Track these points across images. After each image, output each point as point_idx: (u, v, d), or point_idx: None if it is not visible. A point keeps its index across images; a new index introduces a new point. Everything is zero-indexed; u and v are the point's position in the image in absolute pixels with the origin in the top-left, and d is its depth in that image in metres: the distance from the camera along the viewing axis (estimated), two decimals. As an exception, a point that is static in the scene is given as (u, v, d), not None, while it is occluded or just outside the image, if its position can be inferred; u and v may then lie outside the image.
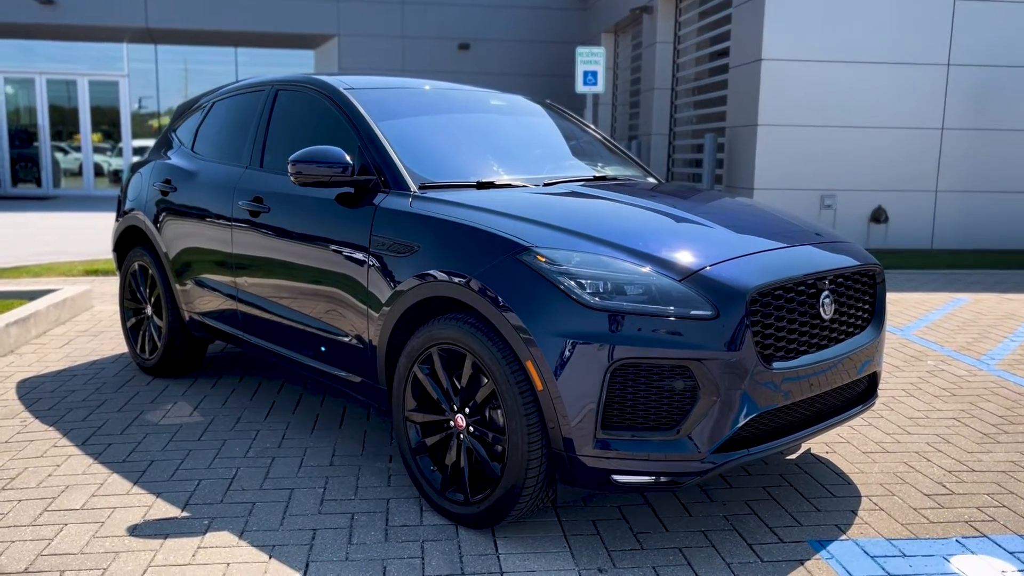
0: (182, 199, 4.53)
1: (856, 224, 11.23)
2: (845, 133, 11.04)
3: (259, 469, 3.58)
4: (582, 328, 2.69)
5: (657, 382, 2.70)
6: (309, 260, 3.65)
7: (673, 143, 15.23)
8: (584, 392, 2.69)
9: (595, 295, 2.72)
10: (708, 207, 3.71)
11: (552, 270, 2.77)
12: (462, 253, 3.01)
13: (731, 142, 11.72)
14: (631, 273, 2.77)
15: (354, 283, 3.41)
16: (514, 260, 2.85)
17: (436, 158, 3.69)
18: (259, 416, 4.25)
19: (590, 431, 2.71)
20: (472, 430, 3.00)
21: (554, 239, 2.92)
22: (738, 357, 2.71)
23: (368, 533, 3.01)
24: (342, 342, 3.55)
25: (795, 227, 3.48)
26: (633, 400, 2.71)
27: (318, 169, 3.42)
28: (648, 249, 2.88)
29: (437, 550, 2.90)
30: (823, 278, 3.02)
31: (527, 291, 2.78)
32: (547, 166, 3.99)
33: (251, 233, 3.99)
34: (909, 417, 4.37)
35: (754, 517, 3.19)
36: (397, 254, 3.23)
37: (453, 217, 3.13)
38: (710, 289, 2.74)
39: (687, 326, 2.69)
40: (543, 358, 2.72)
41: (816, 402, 3.06)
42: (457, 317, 2.99)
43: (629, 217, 3.27)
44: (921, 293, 8.12)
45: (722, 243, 3.07)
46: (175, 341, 4.71)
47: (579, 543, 2.96)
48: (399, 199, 3.37)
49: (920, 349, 5.83)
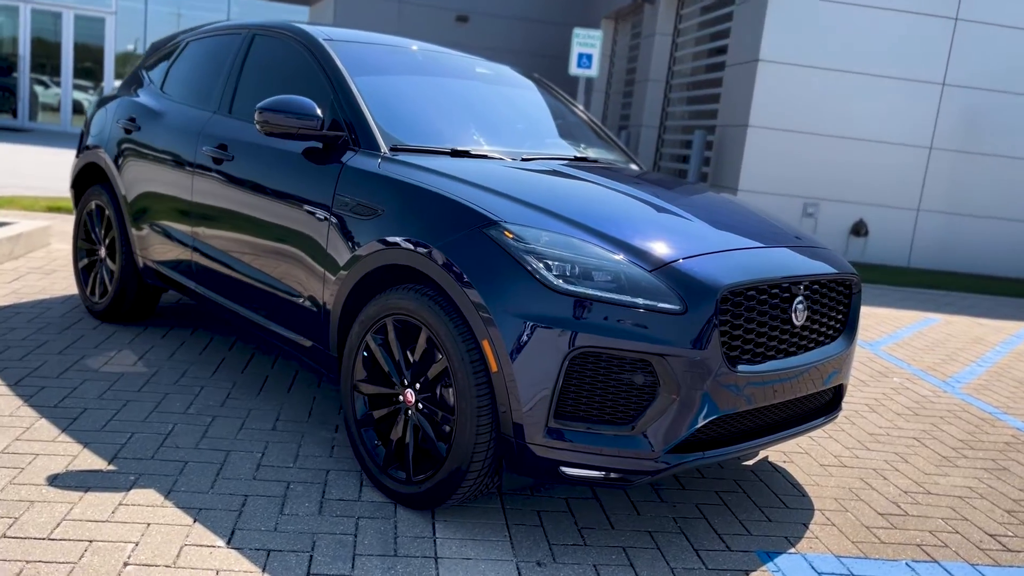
0: (145, 139, 4.34)
1: (836, 235, 11.19)
2: (834, 143, 10.97)
3: (197, 427, 3.42)
4: (544, 311, 2.56)
5: (616, 374, 2.58)
6: (269, 214, 3.49)
7: (663, 136, 15.12)
8: (539, 378, 2.56)
9: (561, 278, 2.59)
10: (689, 199, 3.58)
11: (518, 248, 2.64)
12: (427, 221, 2.87)
13: (720, 141, 11.62)
14: (600, 258, 2.64)
15: (313, 243, 3.26)
16: (480, 234, 2.71)
17: (411, 120, 3.54)
18: (206, 372, 4.09)
19: (542, 419, 2.59)
20: (421, 407, 2.87)
21: (524, 216, 2.78)
22: (703, 356, 2.59)
23: (302, 504, 2.88)
24: (296, 303, 3.40)
25: (776, 228, 3.37)
26: (589, 391, 2.59)
27: (286, 120, 3.25)
28: (621, 235, 2.76)
29: (372, 528, 2.77)
30: (798, 283, 2.91)
31: (490, 267, 2.65)
32: (528, 141, 3.85)
33: (212, 181, 3.81)
34: (870, 433, 4.29)
35: (704, 522, 3.09)
36: (360, 216, 3.07)
37: (422, 183, 2.98)
38: (680, 283, 2.62)
39: (653, 319, 2.57)
40: (500, 339, 2.59)
41: (778, 410, 2.96)
42: (416, 288, 2.85)
43: (605, 201, 3.14)
44: (893, 309, 8.08)
45: (699, 237, 2.95)
46: (127, 287, 4.53)
47: (521, 533, 2.85)
48: (368, 159, 3.21)
49: (887, 365, 5.77)
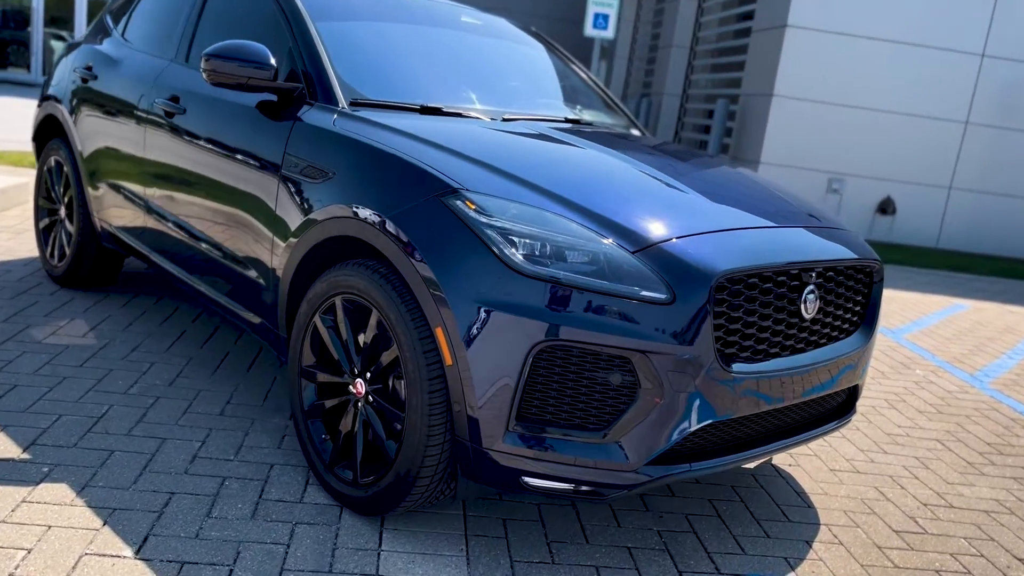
0: (101, 90, 3.97)
1: (861, 213, 10.68)
2: (863, 115, 10.42)
3: (135, 410, 3.09)
4: (506, 296, 2.18)
5: (589, 372, 2.20)
6: (220, 175, 3.12)
7: (685, 106, 14.57)
8: (499, 374, 2.19)
9: (527, 257, 2.20)
10: (692, 171, 3.17)
11: (480, 221, 2.25)
12: (381, 187, 2.49)
13: (743, 110, 11.09)
14: (576, 236, 2.26)
15: (262, 208, 2.89)
16: (438, 203, 2.33)
17: (378, 72, 3.14)
18: (161, 346, 3.76)
19: (501, 421, 2.22)
20: (371, 400, 2.52)
21: (492, 184, 2.39)
22: (692, 353, 2.21)
23: (234, 505, 2.54)
24: (245, 275, 3.04)
25: (789, 206, 2.96)
26: (558, 391, 2.21)
27: (236, 68, 2.87)
28: (603, 210, 2.36)
29: (309, 537, 2.42)
30: (810, 269, 2.51)
31: (447, 242, 2.27)
32: (515, 100, 3.45)
33: (163, 136, 3.44)
34: (888, 433, 3.89)
35: (692, 537, 2.72)
36: (310, 179, 2.70)
37: (378, 142, 2.59)
38: (668, 267, 2.23)
39: (634, 309, 2.18)
40: (455, 327, 2.22)
41: (782, 414, 2.58)
42: (368, 264, 2.48)
43: (591, 170, 2.74)
44: (919, 293, 7.62)
45: (696, 214, 2.54)
46: (85, 251, 4.20)
47: (480, 547, 2.50)
48: (322, 114, 2.83)
49: (910, 356, 5.34)
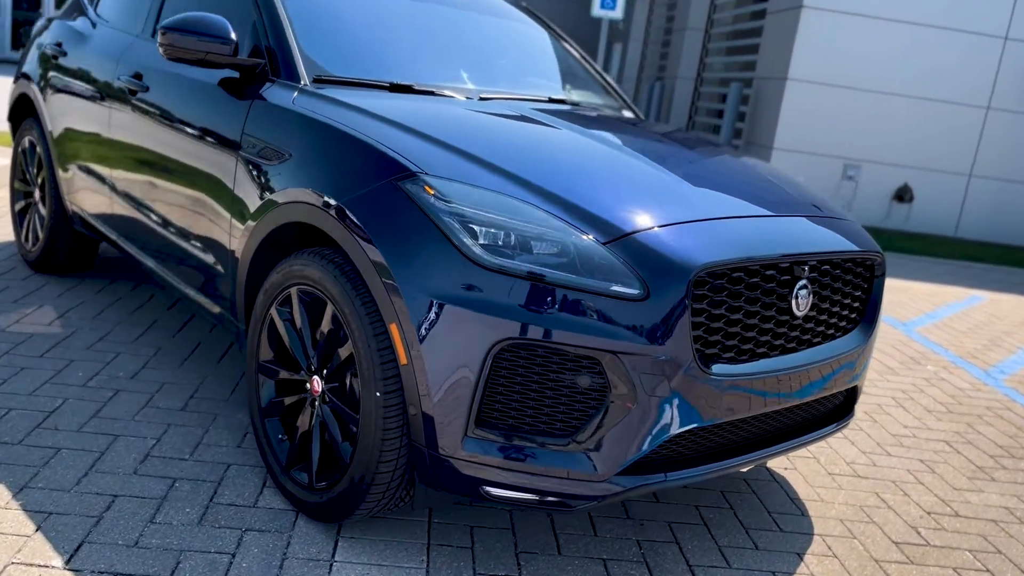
0: (69, 67, 3.81)
1: (877, 200, 10.40)
2: (880, 100, 10.12)
3: (91, 404, 2.94)
4: (464, 290, 2.00)
5: (555, 374, 2.02)
6: (181, 155, 2.95)
7: (699, 89, 14.28)
8: (456, 375, 2.01)
9: (489, 248, 2.02)
10: (681, 154, 2.97)
11: (439, 207, 2.07)
12: (336, 170, 2.31)
13: (757, 94, 10.81)
14: (543, 225, 2.06)
15: (221, 194, 2.72)
16: (395, 188, 2.14)
17: (347, 47, 2.95)
18: (130, 335, 3.61)
19: (460, 426, 2.04)
20: (328, 399, 2.35)
21: (455, 168, 2.20)
22: (667, 354, 2.01)
23: (181, 510, 2.38)
24: (204, 262, 2.87)
25: (784, 193, 2.75)
26: (521, 394, 2.03)
27: (195, 42, 2.69)
28: (575, 197, 2.17)
29: (258, 546, 2.26)
30: (803, 263, 2.31)
31: (402, 231, 2.09)
32: (496, 78, 3.24)
33: (127, 115, 3.28)
34: (894, 434, 3.69)
35: (674, 548, 2.54)
36: (267, 161, 2.52)
37: (336, 122, 2.41)
38: (643, 260, 2.04)
39: (604, 306, 1.99)
40: (410, 322, 2.04)
41: (771, 419, 2.38)
42: (324, 253, 2.30)
43: (567, 153, 2.54)
44: (934, 284, 7.37)
45: (678, 201, 2.34)
46: (58, 235, 4.05)
47: (443, 558, 2.32)
48: (283, 92, 2.65)
49: (921, 350, 5.12)
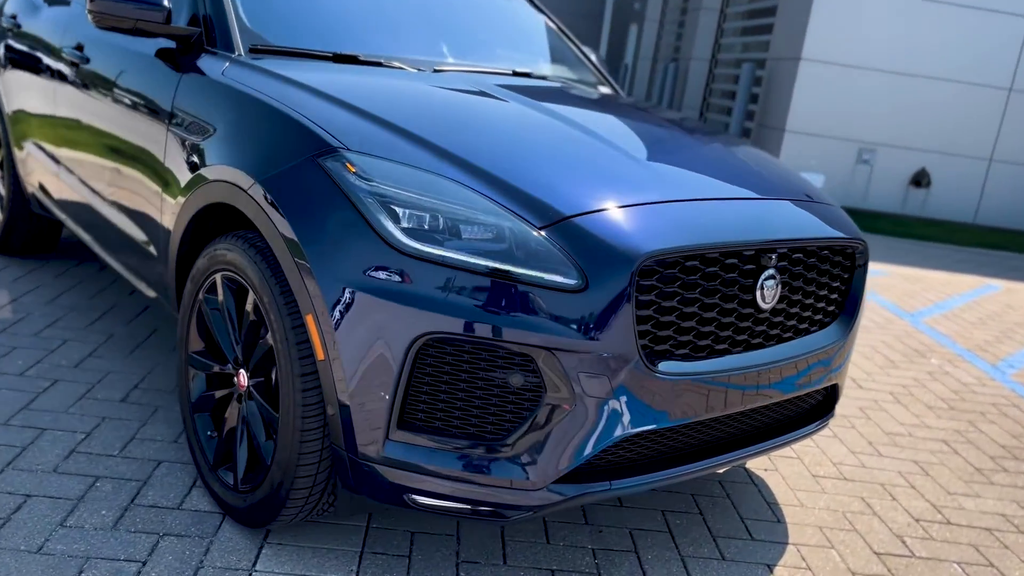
0: (21, 41, 3.65)
1: (893, 185, 10.09)
2: (897, 80, 9.78)
3: (24, 395, 2.78)
4: (383, 278, 1.81)
5: (485, 372, 1.82)
6: (119, 131, 2.78)
7: (713, 71, 13.95)
8: (375, 371, 1.83)
9: (412, 232, 1.82)
10: (648, 132, 2.74)
11: (359, 186, 1.88)
12: (257, 146, 2.12)
13: (770, 75, 10.50)
14: (474, 208, 1.87)
15: (153, 172, 2.55)
16: (314, 165, 1.95)
17: (290, 15, 2.75)
18: (83, 321, 3.45)
19: (380, 429, 1.86)
20: (252, 395, 2.17)
21: (383, 144, 2.01)
22: (608, 351, 1.82)
23: (97, 512, 2.21)
24: (140, 245, 2.71)
25: (758, 175, 2.53)
26: (448, 394, 1.84)
27: (124, 9, 2.51)
28: (515, 177, 1.97)
29: (172, 553, 2.09)
30: (770, 250, 2.09)
31: (320, 212, 1.90)
32: (456, 49, 3.03)
33: (70, 89, 3.11)
34: (888, 432, 3.47)
35: (632, 559, 2.34)
36: (195, 136, 2.34)
37: (263, 95, 2.22)
38: (582, 247, 1.84)
39: (538, 297, 1.80)
40: (326, 314, 1.85)
41: (735, 420, 2.18)
42: (247, 237, 2.12)
43: (516, 130, 2.33)
44: (947, 272, 7.09)
45: (634, 182, 2.13)
46: (17, 216, 3.90)
47: (375, 568, 2.15)
48: (214, 63, 2.47)
49: (926, 342, 4.87)
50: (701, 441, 2.13)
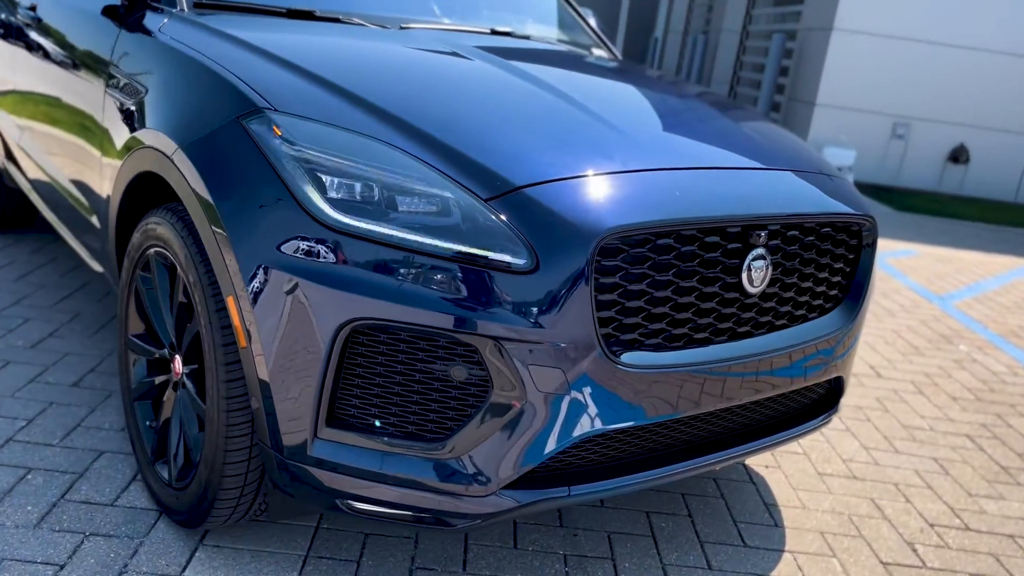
0: (-12, 4, 3.46)
1: (930, 162, 9.66)
2: (935, 51, 9.33)
3: (-31, 378, 2.62)
4: (306, 256, 1.59)
5: (424, 364, 1.60)
6: (64, 95, 2.60)
7: (744, 43, 13.50)
8: (298, 362, 1.62)
9: (340, 204, 1.60)
10: (632, 98, 2.48)
11: (282, 152, 1.66)
12: (186, 108, 1.91)
13: (801, 47, 10.09)
14: (412, 176, 1.64)
15: (92, 137, 2.36)
16: (238, 128, 1.74)
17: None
18: (50, 300, 3.29)
19: (307, 425, 1.65)
20: (186, 384, 1.98)
21: (316, 104, 1.78)
22: (562, 340, 1.59)
23: (22, 508, 2.04)
24: (85, 216, 2.52)
25: (755, 143, 2.27)
26: (383, 387, 1.63)
27: (63, -38, 2.31)
28: (464, 144, 1.73)
29: (94, 556, 1.91)
30: (760, 226, 1.84)
31: (242, 181, 1.69)
32: (430, 5, 2.79)
33: (24, 51, 2.93)
34: (906, 426, 3.20)
35: (607, 567, 2.12)
36: (127, 99, 2.14)
37: (196, 53, 2.00)
38: (533, 221, 1.60)
39: (483, 279, 1.57)
40: (246, 297, 1.64)
41: (718, 418, 1.94)
42: (177, 210, 1.92)
43: (478, 92, 2.09)
44: (983, 253, 6.73)
45: (604, 149, 1.88)
46: (-10, 189, 3.74)
47: (318, 575, 1.95)
48: (155, 18, 2.26)
49: (955, 327, 4.56)
50: (679, 441, 1.90)
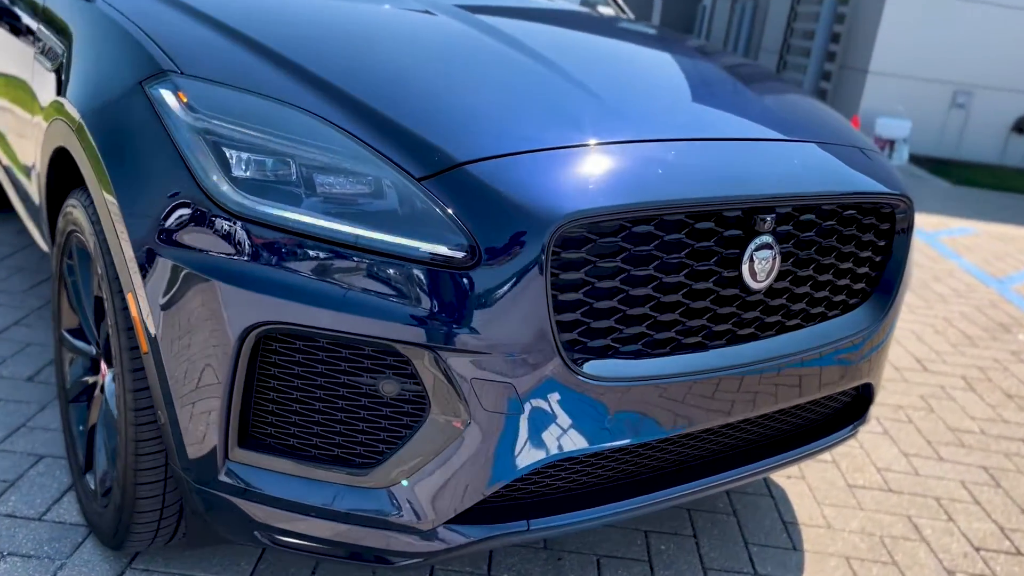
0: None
1: (993, 132, 9.07)
2: (999, 12, 8.70)
3: (-84, 371, 2.43)
4: (203, 247, 1.33)
5: (349, 377, 1.34)
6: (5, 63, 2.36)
7: (796, 8, 12.88)
8: (200, 372, 1.36)
9: (246, 184, 1.34)
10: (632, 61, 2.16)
11: (181, 121, 1.39)
12: (94, 73, 1.66)
13: (854, 10, 9.53)
14: (334, 150, 1.36)
15: (26, 104, 2.13)
16: (140, 94, 1.48)
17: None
18: (24, 284, 3.09)
19: (215, 446, 1.40)
20: (103, 389, 1.75)
21: (232, 66, 1.52)
22: (513, 350, 1.30)
23: (-64, 522, 1.84)
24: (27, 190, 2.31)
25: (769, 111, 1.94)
26: (303, 403, 1.36)
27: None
28: (401, 113, 1.44)
29: (5, 580, 1.70)
30: (766, 209, 1.52)
31: (139, 157, 1.43)
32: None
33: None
34: (953, 429, 2.85)
35: (591, 599, 1.85)
36: (48, 62, 1.91)
37: (110, 8, 1.74)
38: (476, 204, 1.31)
39: (415, 275, 1.29)
40: (143, 294, 1.39)
41: (717, 435, 1.64)
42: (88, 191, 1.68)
43: (432, 54, 1.78)
44: (1048, 231, 6.23)
45: (577, 120, 1.57)
46: (-26, 167, 3.56)
47: (255, 605, 1.71)
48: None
49: (1014, 314, 4.16)
50: (668, 462, 1.61)
